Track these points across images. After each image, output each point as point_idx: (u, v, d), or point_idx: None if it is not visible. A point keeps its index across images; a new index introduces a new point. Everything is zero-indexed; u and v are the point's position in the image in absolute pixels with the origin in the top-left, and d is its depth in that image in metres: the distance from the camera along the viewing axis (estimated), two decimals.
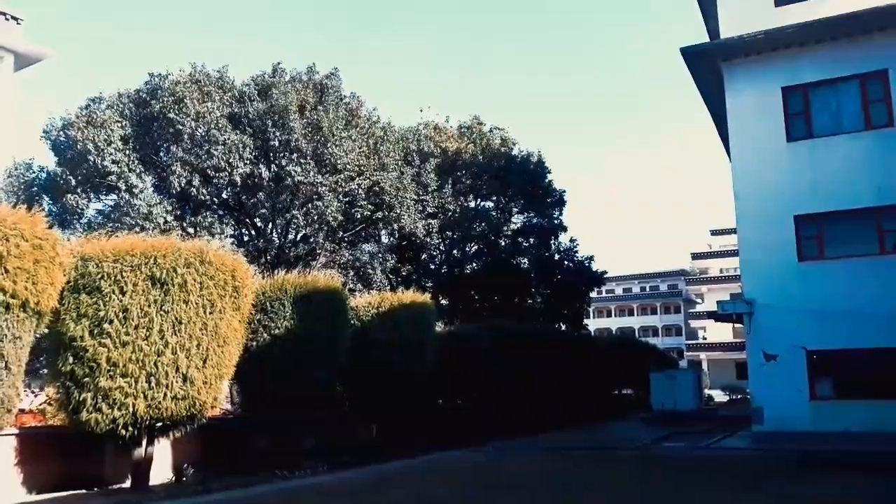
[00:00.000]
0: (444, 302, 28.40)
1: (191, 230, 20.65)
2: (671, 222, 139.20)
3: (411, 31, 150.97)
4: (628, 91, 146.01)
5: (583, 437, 19.42)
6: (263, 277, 14.37)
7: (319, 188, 21.43)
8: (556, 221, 32.19)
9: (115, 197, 21.16)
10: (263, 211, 22.91)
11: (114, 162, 19.81)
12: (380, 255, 24.75)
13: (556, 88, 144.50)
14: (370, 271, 24.02)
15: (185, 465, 12.23)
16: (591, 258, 33.36)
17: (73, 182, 20.17)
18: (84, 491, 10.65)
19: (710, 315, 40.87)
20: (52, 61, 19.42)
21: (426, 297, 17.31)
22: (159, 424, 10.49)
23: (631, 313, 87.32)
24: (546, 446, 16.99)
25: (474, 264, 30.44)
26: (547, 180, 32.00)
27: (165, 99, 20.68)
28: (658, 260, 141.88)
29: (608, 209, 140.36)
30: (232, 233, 23.10)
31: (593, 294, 37.45)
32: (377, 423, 16.31)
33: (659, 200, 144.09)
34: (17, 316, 8.76)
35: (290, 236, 24.05)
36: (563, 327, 32.18)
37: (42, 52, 19.05)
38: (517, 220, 32.16)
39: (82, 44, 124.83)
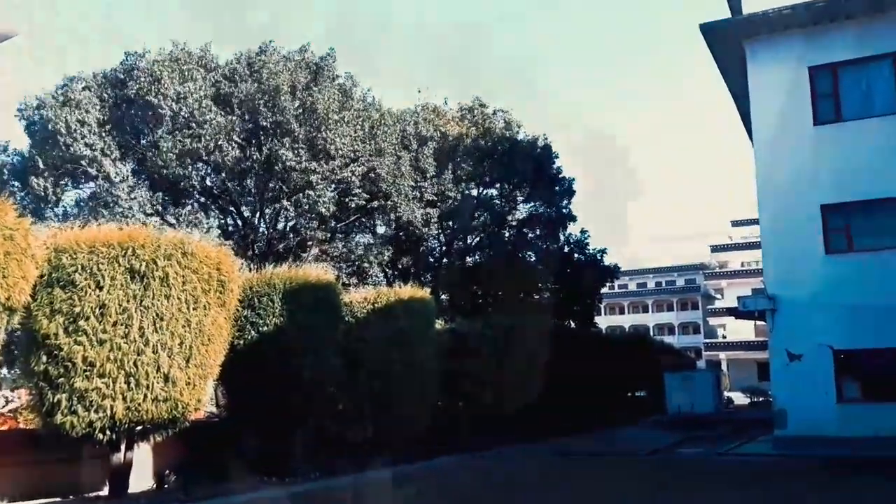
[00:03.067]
0: (444, 297, 28.39)
1: (173, 220, 20.61)
2: (689, 213, 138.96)
3: (404, 15, 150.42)
4: (632, 83, 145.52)
5: (594, 442, 19.47)
6: (251, 271, 14.36)
7: (311, 176, 21.39)
8: (564, 211, 32.10)
9: (93, 185, 21.13)
10: (251, 199, 22.86)
11: (87, 145, 19.74)
12: (375, 246, 24.72)
13: (559, 75, 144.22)
14: (365, 264, 23.98)
15: (167, 472, 12.28)
16: (603, 251, 33.32)
17: (42, 166, 20.08)
18: (59, 499, 10.69)
19: (731, 312, 40.77)
20: (31, 40, 19.36)
21: (425, 293, 17.31)
22: (139, 428, 10.51)
23: (645, 310, 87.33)
24: (555, 451, 17.03)
25: (477, 256, 30.41)
26: (554, 167, 31.90)
27: (143, 79, 20.60)
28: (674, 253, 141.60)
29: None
30: (217, 223, 23.07)
31: (605, 289, 37.44)
32: (373, 425, 16.33)
33: (675, 192, 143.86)
34: None
35: (280, 227, 24.02)
36: (573, 325, 32.17)
37: (9, 28, 18.96)
38: (523, 210, 32.07)
39: (65, 20, 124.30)
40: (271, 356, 12.67)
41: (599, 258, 32.97)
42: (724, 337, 68.35)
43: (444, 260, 29.98)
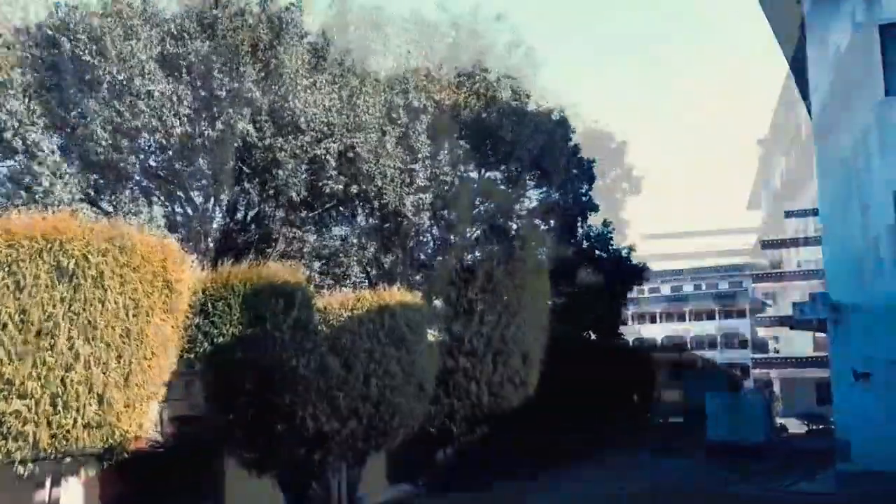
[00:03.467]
0: (437, 302, 28.36)
1: (109, 208, 20.54)
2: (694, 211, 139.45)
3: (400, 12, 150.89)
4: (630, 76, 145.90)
5: (626, 475, 19.53)
6: (204, 269, 14.34)
7: (277, 153, 21.31)
8: (583, 199, 32.14)
9: (11, 162, 21.02)
10: (203, 183, 22.77)
11: (10, 113, 19.61)
12: (355, 240, 24.69)
13: (558, 72, 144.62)
14: (343, 260, 23.95)
15: None
16: (630, 248, 33.38)
17: None
18: None
19: (784, 321, 40.79)
20: None
21: (415, 297, 17.35)
22: (68, 459, 10.47)
23: (681, 319, 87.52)
24: (574, 490, 17.04)
25: (477, 253, 30.38)
26: (571, 145, 31.91)
27: (78, 37, 20.48)
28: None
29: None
30: (162, 212, 22.98)
31: (632, 294, 37.53)
32: (352, 453, 16.35)
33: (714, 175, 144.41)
34: None
35: (239, 216, 23.98)
36: (593, 336, 32.23)
37: None
38: (533, 197, 32.09)
39: None
40: (227, 374, 12.65)
41: (625, 256, 33.04)
42: (777, 351, 68.44)
43: (439, 257, 29.95)
